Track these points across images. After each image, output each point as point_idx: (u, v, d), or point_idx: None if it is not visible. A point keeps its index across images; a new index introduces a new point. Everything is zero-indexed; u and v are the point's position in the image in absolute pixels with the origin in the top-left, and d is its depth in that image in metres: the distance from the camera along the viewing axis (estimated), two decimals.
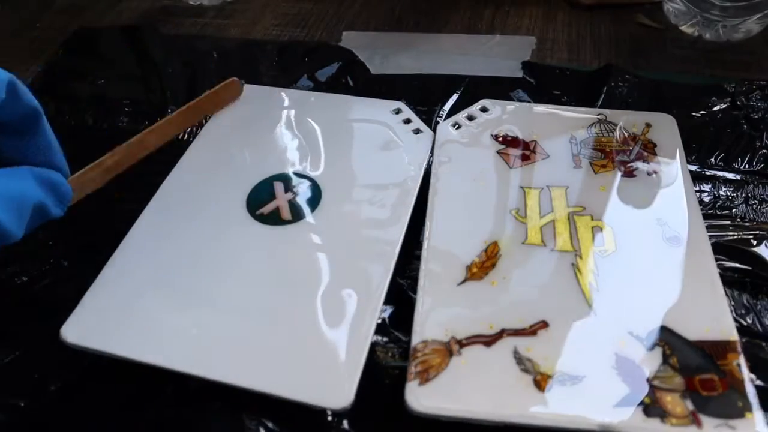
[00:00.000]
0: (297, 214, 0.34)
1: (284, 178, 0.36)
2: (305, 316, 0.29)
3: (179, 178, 0.36)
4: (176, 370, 0.27)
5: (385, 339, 0.30)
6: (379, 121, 0.40)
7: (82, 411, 0.28)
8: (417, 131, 0.39)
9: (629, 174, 0.35)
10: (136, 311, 0.30)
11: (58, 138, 0.28)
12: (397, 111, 0.40)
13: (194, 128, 0.43)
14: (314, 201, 0.35)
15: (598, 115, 0.39)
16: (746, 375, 0.26)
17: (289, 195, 0.35)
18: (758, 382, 0.28)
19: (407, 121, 0.40)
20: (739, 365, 0.26)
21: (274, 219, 0.34)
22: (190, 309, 0.30)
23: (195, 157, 0.38)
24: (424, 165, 0.37)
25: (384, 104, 0.41)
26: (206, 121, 0.41)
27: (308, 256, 0.32)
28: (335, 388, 0.26)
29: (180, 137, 0.43)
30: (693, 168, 0.39)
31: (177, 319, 0.29)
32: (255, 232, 0.33)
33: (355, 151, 0.38)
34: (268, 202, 0.35)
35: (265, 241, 0.33)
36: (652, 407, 0.25)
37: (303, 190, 0.35)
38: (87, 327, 0.29)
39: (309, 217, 0.34)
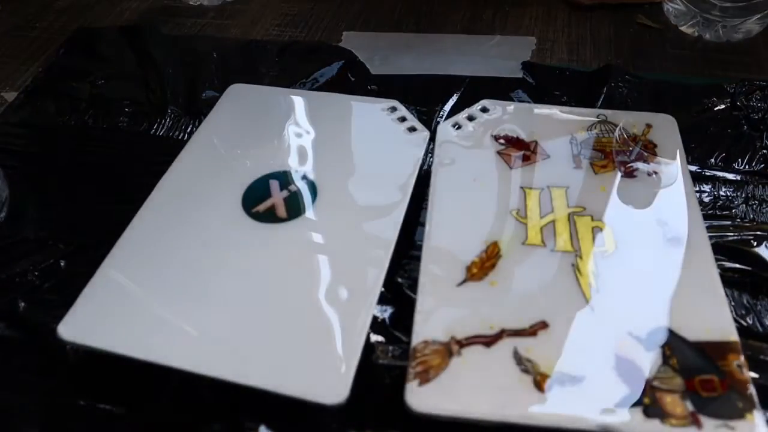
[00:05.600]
0: (293, 212, 0.34)
1: (279, 176, 0.36)
2: (300, 313, 0.29)
3: (175, 178, 0.36)
4: (173, 367, 0.27)
5: (385, 339, 0.30)
6: (374, 119, 0.40)
7: (80, 410, 0.28)
8: (412, 129, 0.39)
9: (629, 174, 0.35)
10: (133, 309, 0.30)
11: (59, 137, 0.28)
12: (392, 109, 0.40)
13: (190, 127, 0.43)
14: (310, 199, 0.35)
15: (598, 115, 0.39)
16: (747, 376, 0.26)
17: (285, 193, 0.35)
18: (759, 383, 0.28)
19: (402, 120, 0.40)
20: (739, 366, 0.26)
21: (269, 217, 0.34)
22: (187, 307, 0.30)
23: (191, 157, 0.38)
24: (420, 162, 0.37)
25: (379, 102, 0.41)
26: (201, 121, 0.41)
27: (304, 253, 0.32)
28: (331, 384, 0.26)
29: (177, 137, 0.43)
30: (693, 168, 0.39)
31: (174, 316, 0.29)
32: (251, 230, 0.33)
33: (350, 149, 0.38)
34: (263, 200, 0.35)
35: (261, 238, 0.33)
36: (651, 408, 0.25)
37: (298, 188, 0.35)
38: (83, 325, 0.29)
39: (305, 214, 0.34)
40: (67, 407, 0.28)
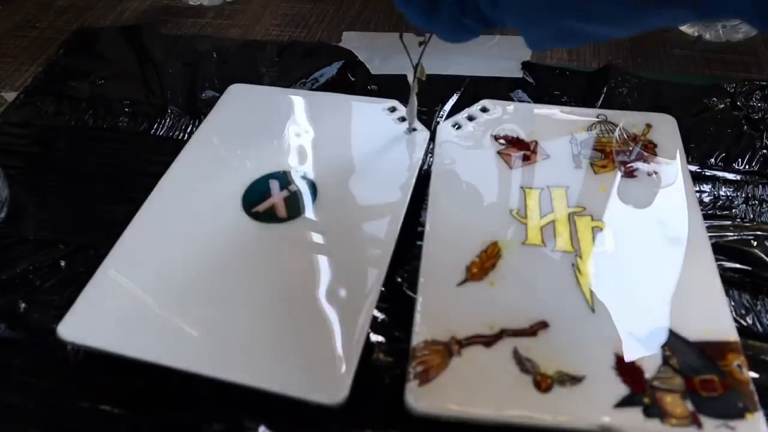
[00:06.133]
0: (293, 212, 0.34)
1: (280, 177, 0.36)
2: (300, 313, 0.29)
3: (175, 177, 0.36)
4: (171, 367, 0.27)
5: (385, 339, 0.30)
6: (374, 119, 0.40)
7: (80, 410, 0.28)
8: (412, 129, 0.39)
9: (629, 174, 0.35)
10: (132, 309, 0.30)
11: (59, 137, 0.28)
12: (392, 109, 0.40)
13: (190, 127, 0.43)
14: (310, 199, 0.35)
15: (598, 115, 0.39)
16: (747, 375, 0.26)
17: (285, 193, 0.35)
18: (759, 383, 0.28)
19: (402, 120, 0.39)
20: (739, 366, 0.26)
21: (269, 217, 0.34)
22: (186, 306, 0.30)
23: (191, 157, 0.38)
24: (420, 162, 0.37)
25: (379, 103, 0.41)
26: (201, 121, 0.41)
27: (304, 253, 0.32)
28: (330, 384, 0.26)
29: (177, 137, 0.43)
30: (693, 168, 0.39)
31: (173, 317, 0.29)
32: (250, 230, 0.33)
33: (350, 149, 0.38)
34: (263, 200, 0.35)
35: (261, 239, 0.33)
36: (652, 408, 0.25)
37: (298, 188, 0.35)
38: (83, 325, 0.29)
39: (305, 214, 0.34)
40: (68, 408, 0.28)
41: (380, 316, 0.31)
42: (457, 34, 0.27)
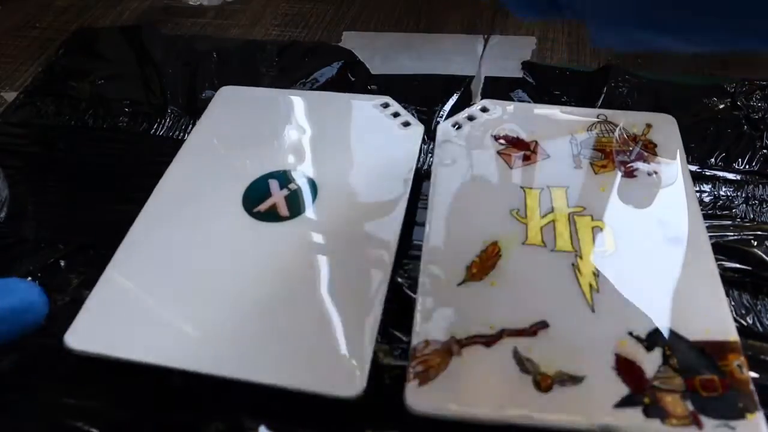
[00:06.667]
0: (294, 211, 0.34)
1: (279, 176, 0.36)
2: (310, 310, 0.29)
3: (172, 182, 0.36)
4: (185, 370, 0.27)
5: (385, 339, 0.30)
6: (368, 116, 0.40)
7: (80, 410, 0.28)
8: (406, 124, 0.39)
9: (629, 174, 0.35)
10: (139, 313, 0.29)
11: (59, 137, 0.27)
12: (385, 105, 0.40)
13: (190, 127, 0.43)
14: (310, 197, 0.35)
15: (598, 115, 0.39)
16: (747, 375, 0.26)
17: (285, 192, 0.35)
18: (759, 383, 0.28)
19: (396, 115, 0.40)
20: (739, 366, 0.26)
21: (271, 216, 0.34)
22: (194, 308, 0.30)
23: (186, 160, 0.38)
24: (416, 156, 0.37)
25: (371, 99, 0.41)
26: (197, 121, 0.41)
27: (311, 249, 0.32)
28: (346, 377, 0.26)
29: (177, 137, 0.43)
30: (693, 168, 0.39)
31: (181, 319, 0.29)
32: (253, 230, 0.33)
33: (346, 146, 0.38)
34: (264, 200, 0.35)
35: (264, 238, 0.33)
36: (652, 407, 0.25)
37: (298, 186, 0.35)
38: (90, 332, 0.29)
39: (306, 212, 0.34)
40: (68, 407, 0.28)
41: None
42: (526, 8, 0.25)
